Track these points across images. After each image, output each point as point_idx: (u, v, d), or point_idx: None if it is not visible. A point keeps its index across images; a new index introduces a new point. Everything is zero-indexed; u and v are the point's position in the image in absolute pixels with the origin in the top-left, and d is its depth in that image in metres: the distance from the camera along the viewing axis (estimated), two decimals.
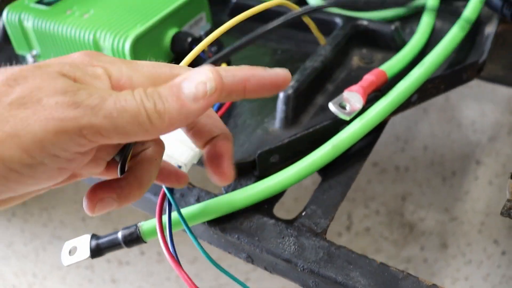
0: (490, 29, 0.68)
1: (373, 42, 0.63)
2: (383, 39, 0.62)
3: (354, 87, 0.50)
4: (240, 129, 0.54)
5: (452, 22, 0.63)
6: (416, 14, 0.72)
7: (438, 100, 1.41)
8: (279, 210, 0.49)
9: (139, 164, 0.32)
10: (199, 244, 0.41)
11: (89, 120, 0.25)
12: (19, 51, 0.70)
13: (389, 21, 0.70)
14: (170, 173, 0.38)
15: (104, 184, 0.32)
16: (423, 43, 0.61)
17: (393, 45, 0.62)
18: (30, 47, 0.68)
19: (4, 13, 0.67)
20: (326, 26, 0.65)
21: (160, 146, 0.34)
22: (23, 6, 0.67)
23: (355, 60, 0.62)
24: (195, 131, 0.34)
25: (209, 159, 0.34)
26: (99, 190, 0.31)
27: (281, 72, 0.31)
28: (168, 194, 0.42)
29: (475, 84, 1.22)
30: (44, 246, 1.11)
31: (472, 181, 1.26)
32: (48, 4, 0.66)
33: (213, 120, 0.34)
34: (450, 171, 1.29)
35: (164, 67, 0.30)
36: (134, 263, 1.08)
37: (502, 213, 0.39)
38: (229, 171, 0.33)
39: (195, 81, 0.27)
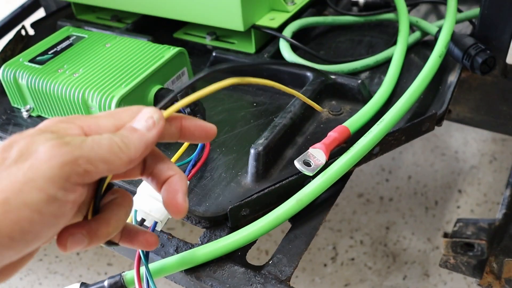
0: (452, 78, 0.74)
1: (341, 94, 0.68)
2: (350, 92, 0.68)
3: (318, 145, 0.55)
4: (216, 182, 0.59)
5: (420, 69, 0.69)
6: (386, 63, 0.77)
7: None
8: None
9: (109, 208, 0.37)
10: None
11: (80, 152, 0.31)
12: (14, 104, 0.75)
13: (359, 71, 0.76)
14: (137, 234, 0.42)
15: (74, 223, 0.36)
16: (387, 96, 0.66)
17: (360, 97, 0.67)
18: (24, 102, 0.73)
19: (1, 70, 0.72)
20: (298, 80, 0.71)
21: (128, 197, 0.39)
22: (18, 64, 0.73)
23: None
24: (153, 176, 0.39)
25: (166, 196, 0.38)
26: (69, 227, 0.35)
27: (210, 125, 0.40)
28: (142, 256, 0.46)
29: None
30: (40, 281, 1.15)
31: (454, 210, 1.30)
32: (41, 63, 0.72)
33: (167, 165, 0.39)
34: (433, 200, 1.33)
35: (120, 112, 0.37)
36: None
37: (440, 265, 0.44)
38: (183, 204, 0.37)
39: (144, 118, 0.36)
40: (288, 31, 0.79)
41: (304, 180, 0.56)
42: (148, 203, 0.48)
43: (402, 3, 0.83)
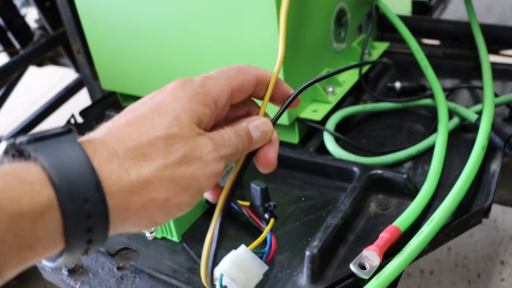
0: (495, 167, 0.75)
1: (388, 188, 0.70)
2: (397, 186, 0.69)
3: (372, 247, 0.57)
4: (272, 283, 0.60)
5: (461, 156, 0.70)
6: (428, 151, 0.79)
7: None
8: None
9: None
10: None
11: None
12: None
13: (403, 161, 0.78)
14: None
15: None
16: (433, 190, 0.68)
17: (407, 191, 0.69)
18: None
19: None
20: (345, 174, 0.73)
21: None
22: None
23: (372, 207, 0.69)
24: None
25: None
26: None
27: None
28: None
29: None
30: None
31: (498, 283, 1.29)
32: None
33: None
34: (475, 273, 1.32)
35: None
36: None
37: None
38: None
39: (260, 130, 0.44)
40: (331, 123, 0.82)
41: (359, 283, 0.58)
42: (234, 272, 0.54)
43: (439, 91, 0.86)
